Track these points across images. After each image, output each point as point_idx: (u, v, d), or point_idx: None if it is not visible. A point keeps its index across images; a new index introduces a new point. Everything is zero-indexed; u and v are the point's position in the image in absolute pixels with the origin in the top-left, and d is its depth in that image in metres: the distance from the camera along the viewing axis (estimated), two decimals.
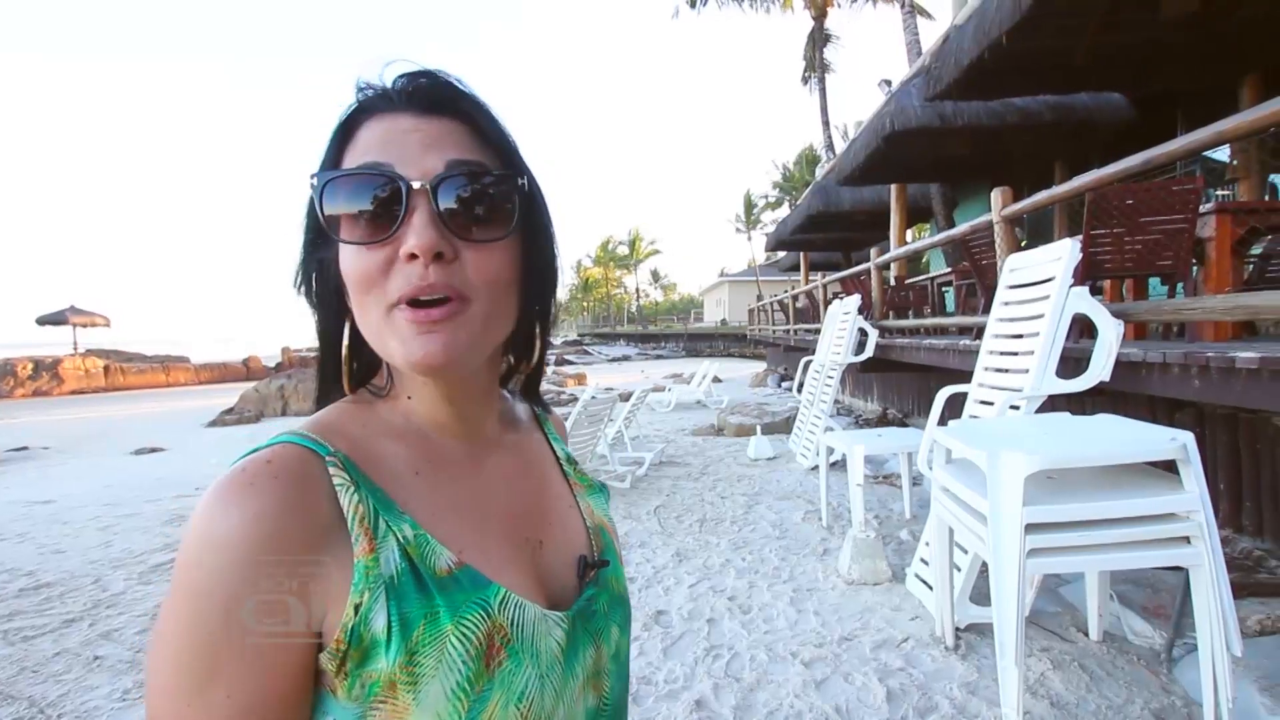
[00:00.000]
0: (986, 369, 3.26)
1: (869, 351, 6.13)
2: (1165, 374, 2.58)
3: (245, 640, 0.39)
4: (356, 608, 0.41)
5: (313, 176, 0.47)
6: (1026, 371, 2.86)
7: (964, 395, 3.39)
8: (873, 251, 6.63)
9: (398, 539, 0.44)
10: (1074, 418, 2.40)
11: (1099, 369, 2.73)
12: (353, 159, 0.46)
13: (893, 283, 8.16)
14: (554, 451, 0.64)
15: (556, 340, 58.34)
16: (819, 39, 17.72)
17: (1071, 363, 3.02)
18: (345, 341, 0.51)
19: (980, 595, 2.91)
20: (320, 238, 0.48)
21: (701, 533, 4.36)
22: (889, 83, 11.94)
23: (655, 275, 72.56)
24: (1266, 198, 6.70)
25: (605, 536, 0.60)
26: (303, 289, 0.51)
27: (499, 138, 0.50)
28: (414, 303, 0.44)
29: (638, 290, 64.18)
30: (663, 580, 3.51)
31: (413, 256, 0.44)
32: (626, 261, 61.08)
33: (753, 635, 2.88)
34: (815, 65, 17.92)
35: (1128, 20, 4.70)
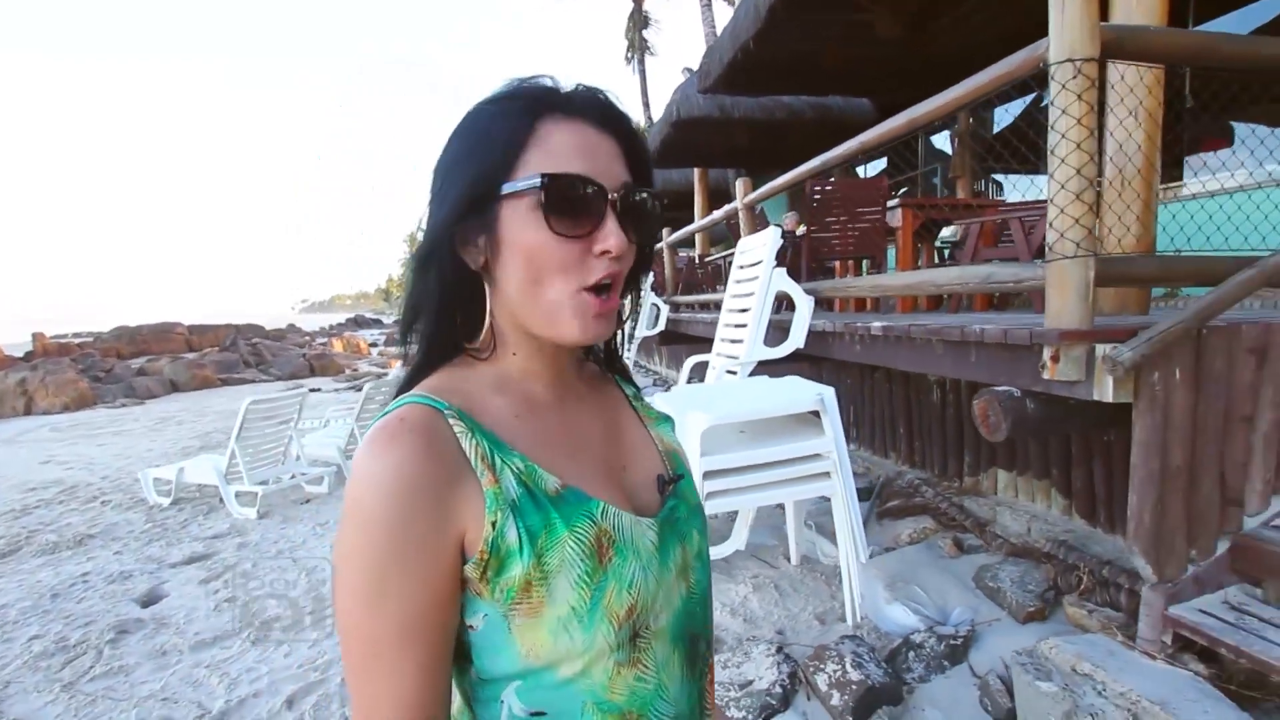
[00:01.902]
0: (722, 340, 3.72)
1: (661, 325, 6.59)
2: (840, 341, 3.13)
3: (404, 559, 0.49)
4: (493, 524, 0.51)
5: (538, 175, 0.53)
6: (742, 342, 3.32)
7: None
8: (664, 232, 7.08)
9: (512, 470, 0.54)
10: (764, 380, 2.86)
11: (796, 338, 3.25)
12: (546, 157, 0.53)
13: (697, 261, 8.77)
14: (624, 392, 0.74)
15: (388, 320, 54.88)
16: (639, 21, 18.18)
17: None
18: (489, 309, 0.59)
19: (718, 536, 3.37)
20: (480, 209, 0.55)
21: None
22: (691, 71, 12.62)
23: None
24: (989, 194, 8.04)
25: (676, 458, 0.70)
26: (435, 262, 0.57)
27: (644, 158, 0.61)
28: (595, 289, 0.55)
29: None
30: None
31: (604, 252, 0.54)
32: None
33: None
34: (635, 46, 18.39)
35: (857, 36, 5.45)
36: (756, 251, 3.49)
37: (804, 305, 3.22)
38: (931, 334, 2.39)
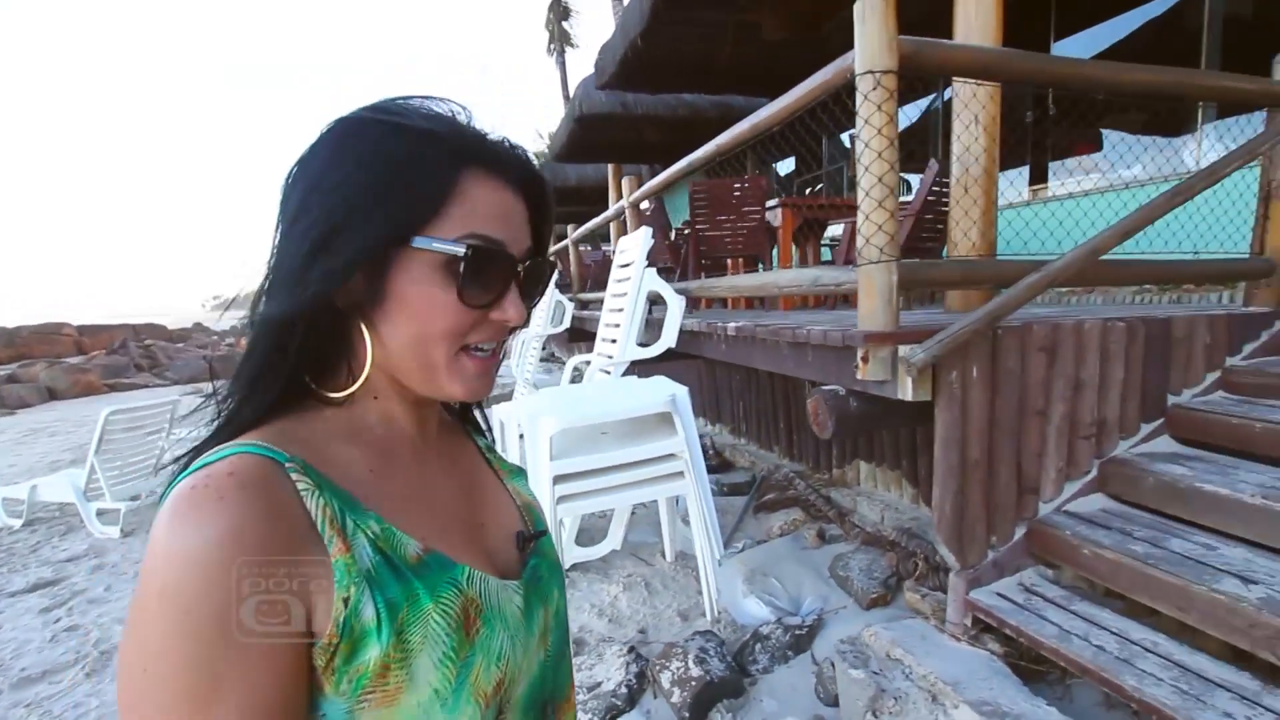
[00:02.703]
0: (602, 339, 3.71)
1: (565, 323, 6.53)
2: (708, 340, 3.18)
3: (242, 649, 0.40)
4: (345, 601, 0.43)
5: (468, 245, 0.48)
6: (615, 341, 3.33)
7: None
8: (569, 229, 7.03)
9: (366, 535, 0.46)
10: (625, 381, 2.87)
11: (668, 338, 3.27)
12: (468, 216, 0.49)
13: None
14: (477, 445, 0.68)
15: None
16: (559, 12, 17.97)
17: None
18: (369, 352, 0.51)
19: (586, 538, 3.37)
20: (381, 249, 0.48)
21: None
22: None
23: None
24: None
25: (534, 512, 0.66)
26: (297, 280, 0.48)
27: (549, 221, 0.58)
28: (475, 348, 0.52)
29: None
30: None
31: (504, 322, 0.52)
32: None
33: None
34: (556, 38, 18.18)
35: (748, 37, 5.55)
36: (630, 252, 3.49)
37: (675, 305, 3.25)
38: (774, 334, 2.46)
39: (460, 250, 0.48)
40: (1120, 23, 5.84)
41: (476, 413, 0.70)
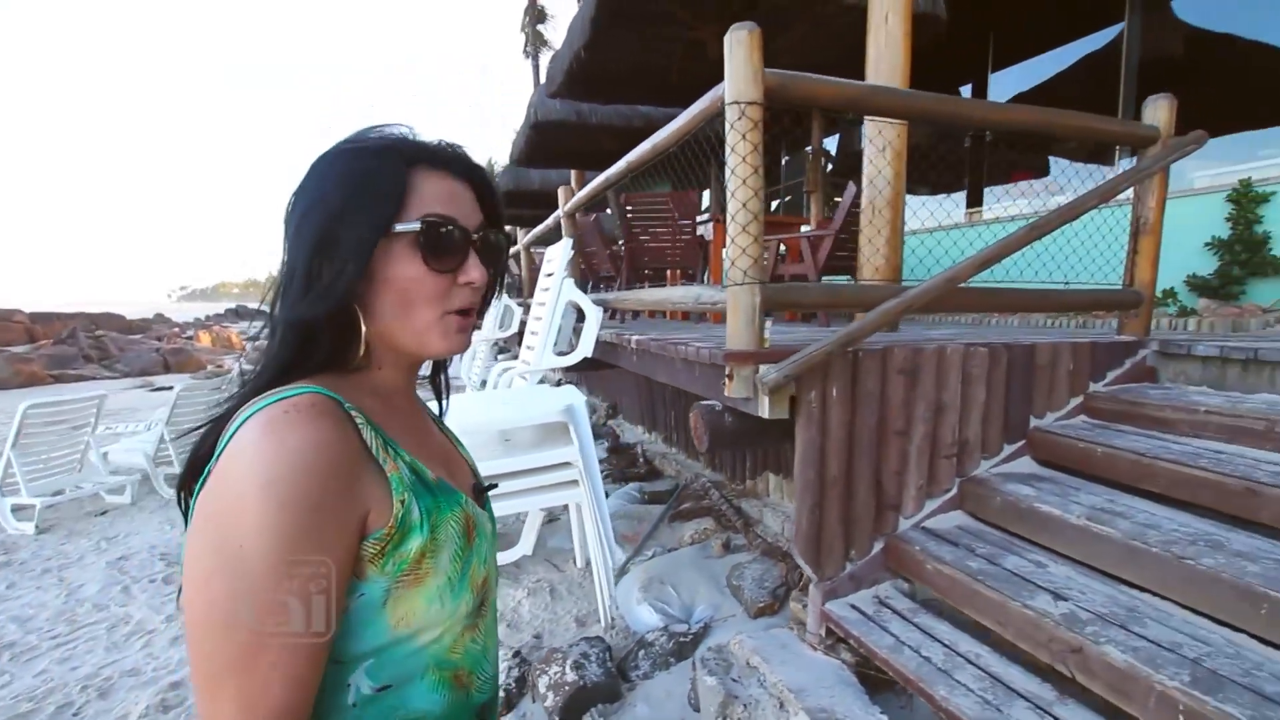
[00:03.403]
0: (526, 347, 3.75)
1: (513, 328, 6.55)
2: (622, 352, 3.24)
3: (322, 537, 0.51)
4: (402, 503, 0.58)
5: (418, 219, 0.61)
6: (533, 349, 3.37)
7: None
8: (519, 233, 7.05)
9: (404, 459, 0.61)
10: (536, 388, 2.92)
11: (585, 347, 3.32)
12: (421, 202, 0.61)
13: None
14: (432, 412, 0.82)
15: (222, 308, 51.09)
16: (534, 15, 18.00)
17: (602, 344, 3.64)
18: (363, 330, 0.63)
19: (504, 543, 3.39)
20: (365, 249, 0.60)
21: None
22: None
23: None
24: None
25: (478, 472, 0.81)
26: (309, 285, 0.59)
27: (495, 202, 0.69)
28: (459, 311, 0.64)
29: None
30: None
31: (468, 284, 0.64)
32: None
33: None
34: (531, 40, 18.20)
35: (698, 54, 5.64)
36: (554, 263, 3.54)
37: (592, 316, 3.30)
38: (664, 350, 2.52)
39: (417, 226, 0.60)
40: (1059, 55, 6.06)
41: (442, 380, 0.83)
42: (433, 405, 0.83)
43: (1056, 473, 2.19)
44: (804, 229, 4.75)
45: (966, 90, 6.86)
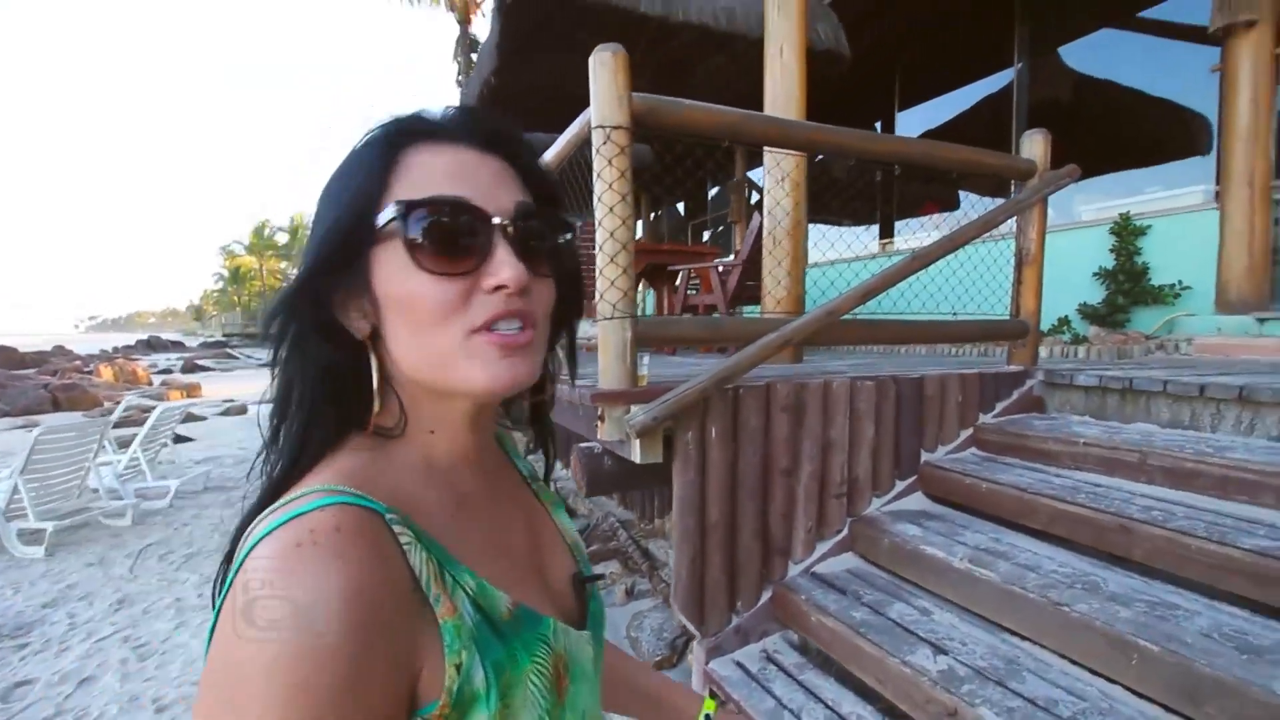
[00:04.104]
0: None
1: None
2: None
3: (368, 702, 0.36)
4: (458, 668, 0.41)
5: (392, 203, 0.44)
6: None
7: None
8: None
9: (466, 591, 0.43)
10: None
11: None
12: (410, 187, 0.44)
13: None
14: (520, 471, 0.63)
15: (194, 342, 48.61)
16: (465, 44, 17.84)
17: None
18: (375, 374, 0.47)
19: None
20: (342, 265, 0.45)
21: (179, 570, 3.91)
22: None
23: None
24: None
25: (581, 551, 0.62)
26: (298, 320, 0.46)
27: (543, 179, 0.51)
28: (494, 328, 0.45)
29: None
30: (69, 638, 3.02)
31: (499, 288, 0.44)
32: (288, 251, 53.94)
33: (127, 686, 2.62)
34: (464, 70, 18.01)
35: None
36: None
37: None
38: None
39: (388, 217, 0.44)
40: (962, 96, 6.34)
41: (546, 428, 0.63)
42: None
43: (947, 509, 2.14)
44: (728, 258, 4.73)
45: (879, 127, 7.12)
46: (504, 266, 0.45)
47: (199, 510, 5.18)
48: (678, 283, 4.68)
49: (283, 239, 54.21)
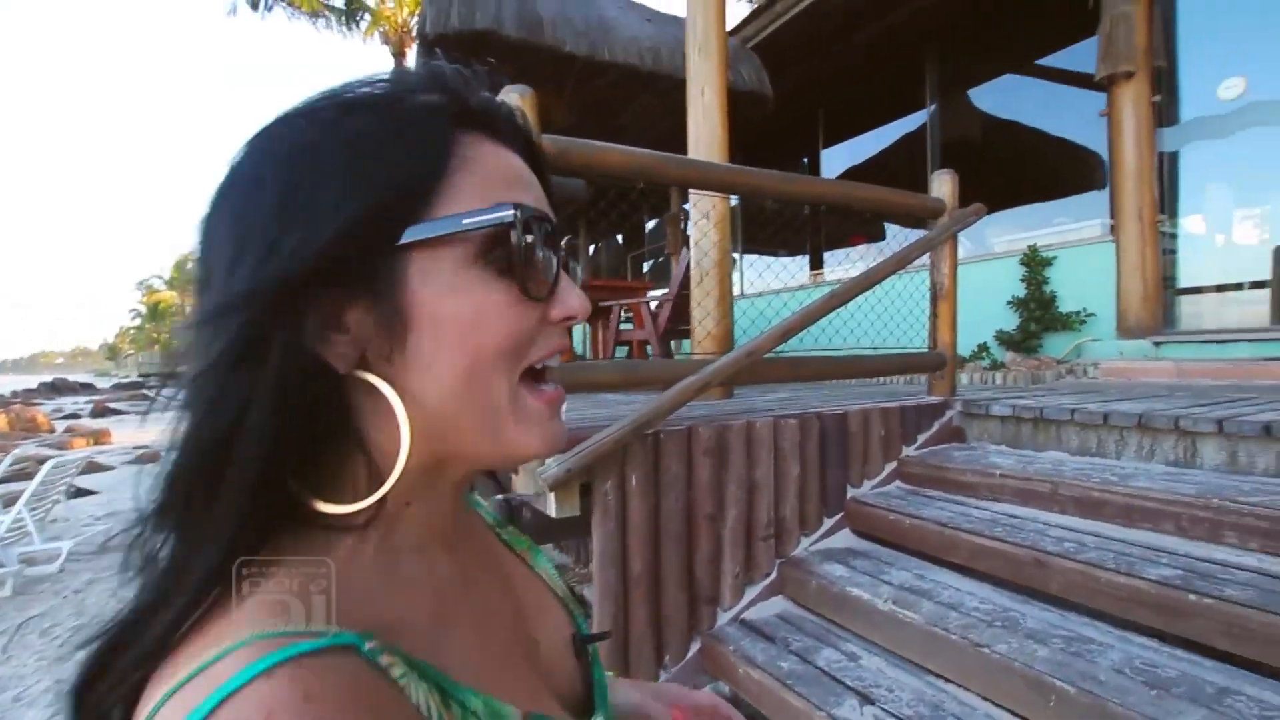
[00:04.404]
0: None
1: None
2: None
3: None
4: None
5: (510, 208, 0.35)
6: None
7: None
8: None
9: (475, 712, 0.34)
10: None
11: None
12: (482, 185, 0.36)
13: None
14: (485, 518, 0.52)
15: (106, 383, 45.43)
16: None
17: None
18: (407, 437, 0.34)
19: None
20: (361, 267, 0.33)
21: (63, 646, 3.52)
22: None
23: None
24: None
25: (573, 602, 0.52)
26: (256, 362, 0.31)
27: (552, 193, 0.42)
28: (541, 384, 0.39)
29: None
30: None
31: (566, 319, 0.39)
32: None
33: None
34: None
35: (546, 119, 5.63)
36: None
37: None
38: None
39: (508, 215, 0.35)
40: (884, 133, 6.63)
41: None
42: None
43: (875, 545, 2.13)
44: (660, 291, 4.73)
45: (806, 163, 7.37)
46: (571, 295, 0.39)
47: (94, 575, 4.73)
48: (611, 319, 4.65)
49: None
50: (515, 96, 1.70)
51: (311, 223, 0.32)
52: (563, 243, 0.40)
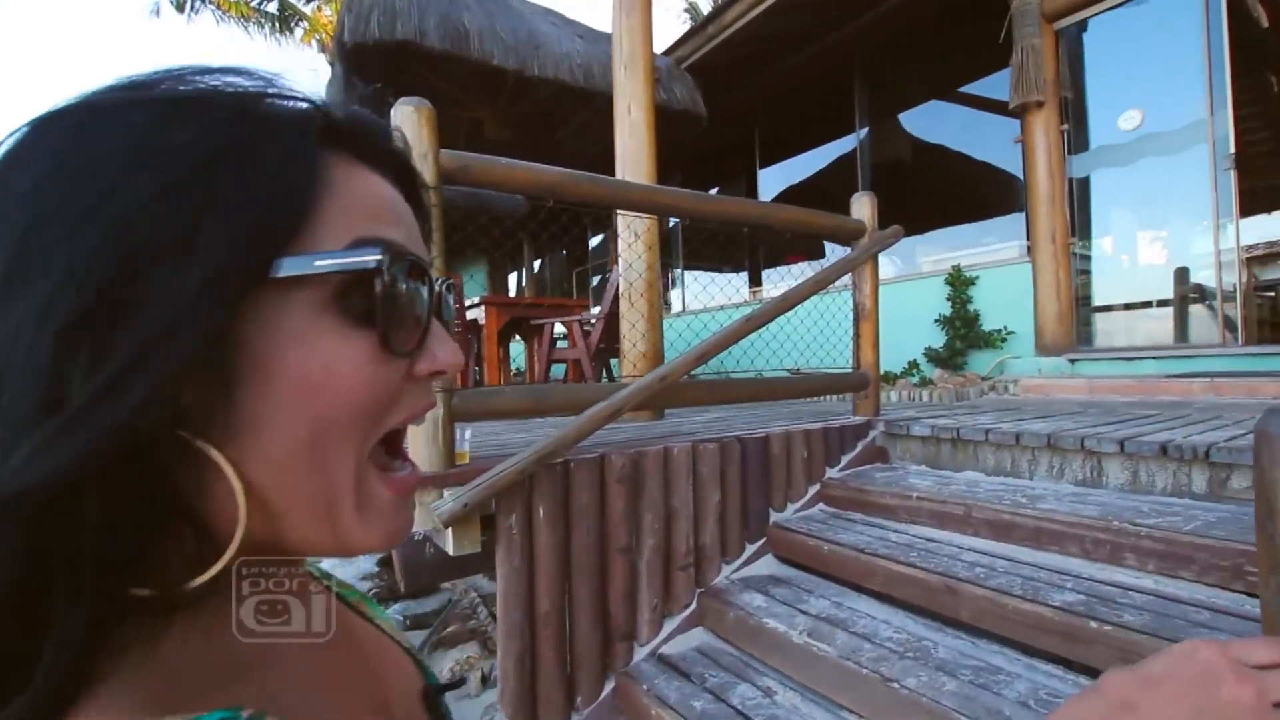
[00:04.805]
0: None
1: None
2: None
3: None
4: None
5: (377, 250, 0.29)
6: None
7: None
8: None
9: None
10: None
11: None
12: (349, 216, 0.29)
13: None
14: (312, 573, 0.41)
15: None
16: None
17: None
18: (243, 506, 0.27)
19: None
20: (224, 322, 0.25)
21: None
22: None
23: None
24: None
25: (417, 653, 0.46)
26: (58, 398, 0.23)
27: (429, 225, 0.37)
28: (391, 467, 0.32)
29: None
30: None
31: (434, 374, 0.32)
32: None
33: None
34: None
35: (479, 135, 5.52)
36: None
37: None
38: None
39: (371, 259, 0.28)
40: (821, 154, 6.78)
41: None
42: None
43: (797, 571, 2.09)
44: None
45: (744, 183, 7.47)
46: (442, 346, 0.32)
47: None
48: (544, 337, 4.55)
49: None
50: (409, 109, 1.60)
51: (165, 260, 0.24)
52: (437, 282, 0.34)
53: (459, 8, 3.71)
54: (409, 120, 1.61)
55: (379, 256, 0.29)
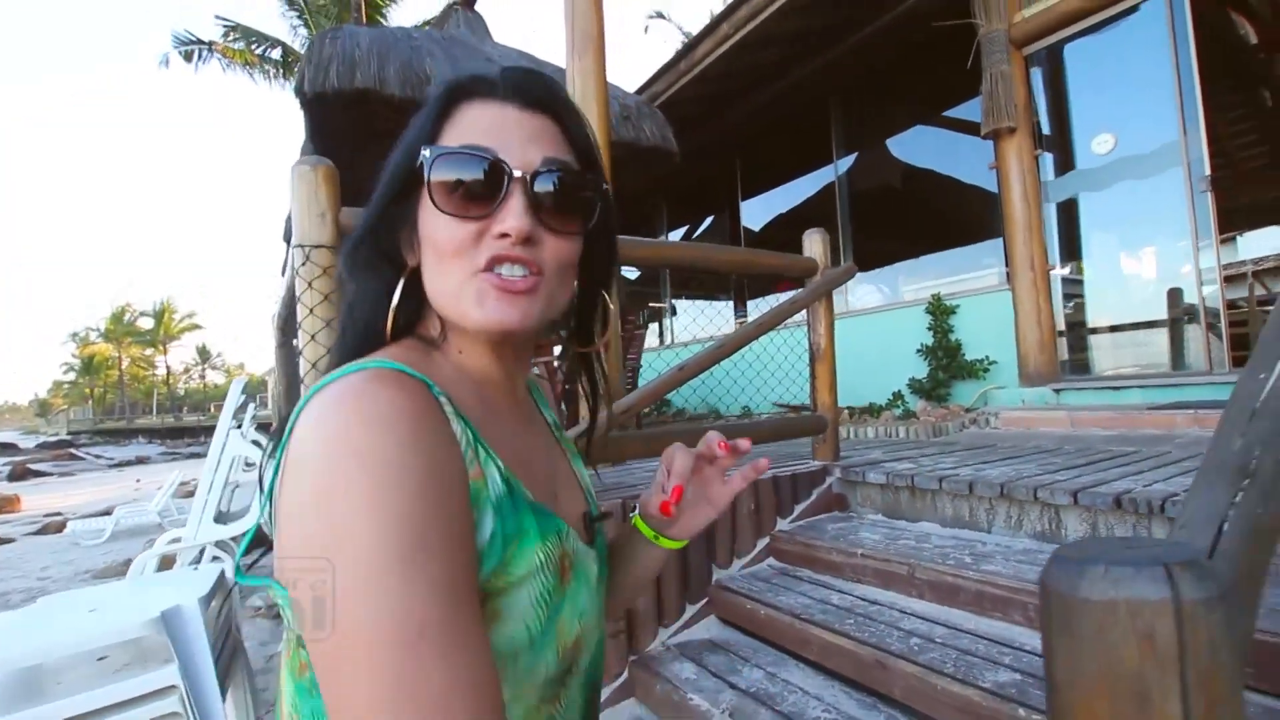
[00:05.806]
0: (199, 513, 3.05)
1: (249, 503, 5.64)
2: None
3: (443, 508, 0.40)
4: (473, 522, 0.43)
5: (425, 148, 0.50)
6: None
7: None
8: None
9: (496, 466, 0.47)
10: (114, 588, 2.25)
11: (254, 511, 2.73)
12: (455, 137, 0.50)
13: None
14: (545, 417, 0.65)
15: (30, 443, 42.82)
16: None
17: None
18: (398, 293, 0.53)
19: None
20: (401, 201, 0.52)
21: None
22: None
23: (204, 353, 60.86)
24: (640, 319, 8.68)
25: (592, 495, 0.65)
26: (363, 246, 0.53)
27: (584, 141, 0.55)
28: (496, 270, 0.49)
29: (168, 372, 52.33)
30: None
31: (504, 235, 0.48)
32: (151, 338, 49.52)
33: None
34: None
35: None
36: (228, 401, 2.97)
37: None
38: None
39: (420, 158, 0.49)
40: (805, 183, 6.75)
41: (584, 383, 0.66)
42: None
43: (738, 634, 1.97)
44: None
45: (727, 214, 7.45)
46: (511, 215, 0.48)
47: None
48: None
49: (146, 324, 49.77)
50: (306, 168, 1.57)
51: (383, 179, 0.53)
52: (524, 173, 0.49)
53: (421, 55, 3.73)
54: (305, 180, 1.57)
55: (426, 154, 0.49)
